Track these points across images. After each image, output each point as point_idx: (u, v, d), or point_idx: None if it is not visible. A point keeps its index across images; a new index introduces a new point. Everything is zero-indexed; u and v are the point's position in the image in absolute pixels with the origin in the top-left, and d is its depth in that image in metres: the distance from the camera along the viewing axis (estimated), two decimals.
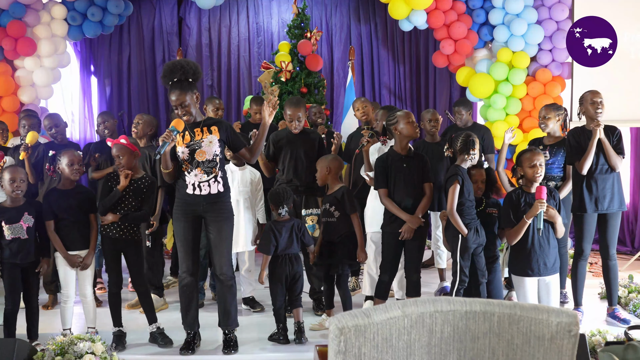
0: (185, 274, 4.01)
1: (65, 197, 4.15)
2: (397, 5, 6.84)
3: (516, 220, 3.94)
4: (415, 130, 4.29)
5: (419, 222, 4.21)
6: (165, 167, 3.87)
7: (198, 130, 3.92)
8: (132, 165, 4.19)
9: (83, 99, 7.99)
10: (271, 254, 4.20)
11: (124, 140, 4.20)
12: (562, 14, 6.88)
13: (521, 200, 3.98)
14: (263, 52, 8.11)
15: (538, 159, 3.97)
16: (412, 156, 4.34)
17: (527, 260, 3.96)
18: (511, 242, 3.98)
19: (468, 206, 4.10)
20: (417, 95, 8.24)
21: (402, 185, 4.28)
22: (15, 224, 4.03)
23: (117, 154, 4.17)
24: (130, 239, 4.18)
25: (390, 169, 4.30)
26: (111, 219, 4.13)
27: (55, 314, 4.35)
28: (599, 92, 4.54)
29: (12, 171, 4.05)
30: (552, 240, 3.99)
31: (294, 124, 4.76)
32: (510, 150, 6.98)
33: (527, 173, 3.99)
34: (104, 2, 6.97)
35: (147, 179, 4.25)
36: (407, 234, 4.21)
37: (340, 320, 1.55)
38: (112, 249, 4.19)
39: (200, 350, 4.10)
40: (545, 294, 4.03)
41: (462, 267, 4.09)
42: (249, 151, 4.08)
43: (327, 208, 4.41)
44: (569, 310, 1.66)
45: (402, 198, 4.26)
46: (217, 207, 3.95)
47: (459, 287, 4.11)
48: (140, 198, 4.20)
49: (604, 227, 4.55)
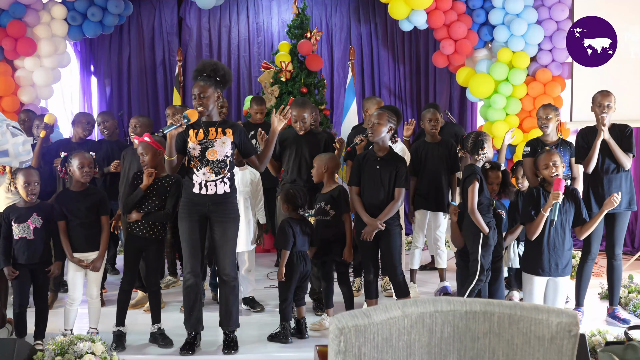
0: (190, 275, 4.00)
1: (76, 199, 4.14)
2: (397, 5, 6.84)
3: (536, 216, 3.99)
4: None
5: (376, 227, 4.23)
6: (168, 154, 3.81)
7: (213, 130, 3.90)
8: (156, 163, 4.17)
9: (83, 99, 7.99)
10: (289, 250, 4.21)
11: (147, 138, 4.18)
12: (562, 14, 6.88)
13: (541, 198, 4.02)
14: (263, 52, 8.11)
15: (552, 158, 4.02)
16: (387, 159, 4.34)
17: (540, 259, 4.00)
18: (531, 237, 4.02)
19: (487, 204, 4.10)
20: (417, 95, 8.24)
21: (371, 186, 4.31)
22: (23, 224, 4.04)
23: (141, 152, 4.16)
24: (154, 238, 4.18)
25: (363, 168, 4.35)
26: (135, 217, 4.13)
27: (56, 313, 4.34)
28: (610, 94, 4.55)
29: (26, 174, 4.03)
30: (567, 243, 4.04)
31: (298, 125, 4.76)
32: (510, 150, 6.98)
33: (543, 174, 4.05)
34: (104, 2, 6.98)
35: (172, 177, 4.22)
36: (367, 235, 4.26)
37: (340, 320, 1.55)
38: (134, 247, 4.19)
39: (200, 350, 4.10)
40: (552, 294, 4.04)
41: (483, 266, 4.03)
42: (258, 158, 4.07)
43: (323, 207, 4.42)
44: (569, 310, 1.66)
45: (370, 199, 4.31)
46: (223, 208, 3.94)
47: (475, 287, 4.04)
48: (164, 197, 4.19)
49: (610, 226, 4.57)
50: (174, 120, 3.71)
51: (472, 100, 7.56)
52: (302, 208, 4.28)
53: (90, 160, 4.18)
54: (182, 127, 3.75)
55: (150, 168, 4.14)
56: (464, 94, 7.70)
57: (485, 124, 7.31)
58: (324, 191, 4.48)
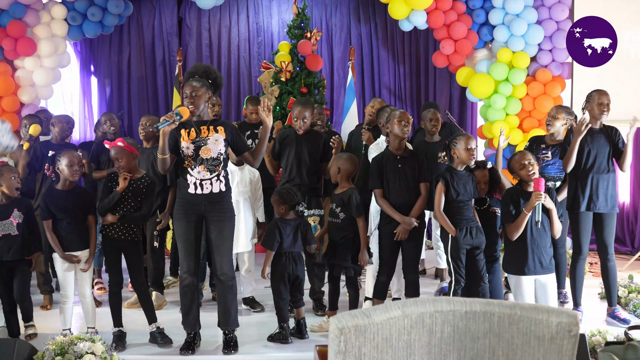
0: (187, 275, 4.00)
1: (64, 198, 4.16)
2: (397, 5, 6.85)
3: (517, 216, 3.97)
4: (403, 131, 4.28)
5: (412, 224, 4.21)
6: (162, 152, 3.81)
7: (204, 128, 3.92)
8: (131, 166, 4.19)
9: (83, 99, 8.00)
10: (274, 250, 4.20)
11: (121, 142, 4.19)
12: (562, 14, 6.89)
13: (521, 199, 4.01)
14: (263, 52, 8.11)
15: (525, 158, 4.02)
16: (407, 156, 4.34)
17: (524, 258, 3.98)
18: (512, 237, 3.99)
19: (456, 207, 4.10)
20: (417, 95, 8.25)
21: (397, 186, 4.28)
22: (5, 221, 4.08)
23: (115, 157, 4.17)
24: (130, 240, 4.18)
25: (385, 169, 4.31)
26: (110, 220, 4.13)
27: (54, 314, 4.35)
28: (607, 93, 4.53)
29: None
30: (548, 239, 4.03)
31: (299, 124, 4.73)
32: (510, 150, 6.98)
33: (521, 175, 4.05)
34: (104, 2, 6.98)
35: (147, 179, 4.24)
36: (402, 234, 4.22)
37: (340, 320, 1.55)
38: (112, 249, 4.20)
39: (200, 350, 4.10)
40: (543, 295, 4.04)
41: (455, 267, 4.09)
42: (251, 154, 4.07)
43: (333, 209, 4.36)
44: (569, 310, 1.66)
45: (397, 198, 4.27)
46: (219, 207, 3.95)
47: (456, 288, 4.10)
48: (140, 198, 4.20)
49: (600, 227, 4.55)
50: (167, 117, 3.73)
51: (472, 100, 7.56)
52: (299, 205, 4.27)
53: (79, 159, 4.19)
54: (175, 124, 3.76)
55: (125, 172, 4.16)
56: (464, 94, 7.70)
57: (485, 124, 7.31)
58: (336, 192, 4.40)
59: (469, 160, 4.12)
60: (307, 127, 4.77)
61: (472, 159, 4.15)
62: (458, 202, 4.10)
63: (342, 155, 4.50)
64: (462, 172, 4.16)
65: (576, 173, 4.49)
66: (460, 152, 4.12)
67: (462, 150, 4.10)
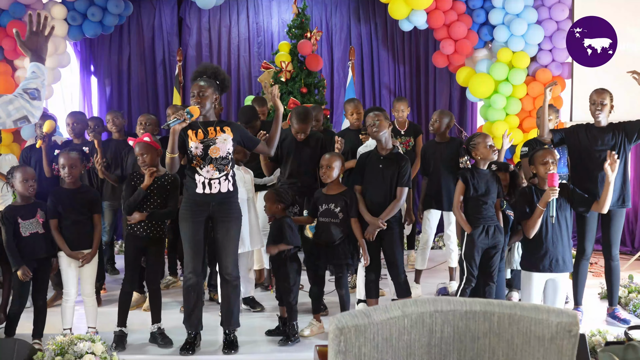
0: (192, 275, 4.00)
1: (70, 197, 4.16)
2: (397, 5, 6.84)
3: (531, 214, 3.98)
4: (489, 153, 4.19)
5: (378, 226, 4.23)
6: (171, 150, 3.79)
7: (212, 129, 3.92)
8: (155, 163, 4.18)
9: (83, 99, 7.99)
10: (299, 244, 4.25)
11: (147, 138, 4.20)
12: (562, 14, 6.89)
13: (534, 196, 4.02)
14: (263, 52, 8.10)
15: (551, 156, 4.02)
16: (390, 158, 4.34)
17: (540, 256, 4.00)
18: (529, 234, 4.00)
19: (475, 205, 4.12)
20: (417, 96, 8.24)
21: (374, 185, 4.31)
22: (32, 219, 4.08)
23: (140, 152, 4.15)
24: (157, 237, 4.20)
25: (366, 167, 4.34)
26: (138, 218, 4.13)
27: (55, 313, 4.34)
28: (606, 91, 4.54)
29: (23, 171, 4.10)
30: (566, 238, 4.04)
31: (299, 136, 4.80)
32: (510, 150, 6.98)
33: (539, 170, 4.04)
34: (104, 2, 6.97)
35: (170, 176, 4.23)
36: (369, 235, 4.26)
37: (340, 320, 1.55)
38: (136, 247, 4.19)
39: (200, 350, 4.10)
40: (552, 292, 4.05)
41: (467, 267, 4.09)
42: (267, 142, 4.11)
43: (331, 209, 4.32)
44: (569, 310, 1.66)
45: (373, 197, 4.31)
46: (227, 207, 3.95)
47: (465, 287, 4.09)
48: (165, 195, 4.20)
49: (606, 225, 4.54)
50: (178, 115, 3.72)
51: (472, 100, 7.56)
52: (293, 206, 4.28)
53: (73, 160, 4.18)
54: (186, 123, 3.75)
55: (151, 167, 4.15)
56: (464, 94, 7.70)
57: (485, 124, 7.31)
58: (330, 192, 4.36)
59: (492, 156, 4.19)
60: (306, 136, 4.81)
61: (495, 153, 4.21)
62: (477, 200, 4.11)
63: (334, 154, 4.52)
64: (484, 171, 4.18)
65: (580, 172, 4.51)
66: (482, 151, 4.17)
67: (482, 148, 4.17)
